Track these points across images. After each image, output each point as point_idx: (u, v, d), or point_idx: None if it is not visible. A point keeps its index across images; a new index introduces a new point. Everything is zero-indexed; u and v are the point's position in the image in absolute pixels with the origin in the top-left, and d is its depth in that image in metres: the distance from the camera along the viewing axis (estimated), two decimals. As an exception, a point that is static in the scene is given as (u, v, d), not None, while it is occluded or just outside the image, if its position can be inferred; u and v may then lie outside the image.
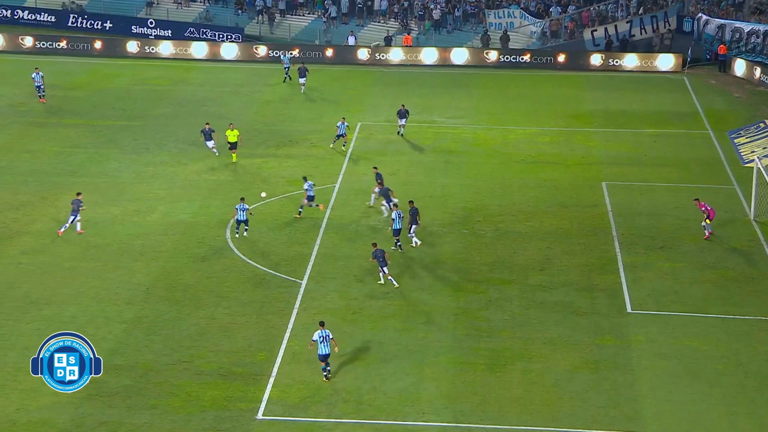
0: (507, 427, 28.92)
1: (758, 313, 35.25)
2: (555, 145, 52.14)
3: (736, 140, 52.28)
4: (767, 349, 33.00)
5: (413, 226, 39.48)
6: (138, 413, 29.15)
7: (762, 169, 41.40)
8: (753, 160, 44.72)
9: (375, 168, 44.32)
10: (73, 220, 40.17)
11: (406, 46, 68.35)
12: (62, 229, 40.06)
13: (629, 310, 35.48)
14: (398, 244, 39.22)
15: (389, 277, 36.61)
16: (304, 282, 37.08)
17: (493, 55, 66.57)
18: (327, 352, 30.58)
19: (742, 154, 50.27)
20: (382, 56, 67.23)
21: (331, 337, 30.63)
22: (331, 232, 40.89)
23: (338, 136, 50.39)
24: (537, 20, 70.49)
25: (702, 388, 30.81)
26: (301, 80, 59.30)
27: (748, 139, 52.05)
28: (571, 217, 42.91)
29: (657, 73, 64.90)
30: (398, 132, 52.46)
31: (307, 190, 41.97)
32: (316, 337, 30.64)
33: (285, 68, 62.21)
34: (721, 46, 64.81)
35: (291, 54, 63.54)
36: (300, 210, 42.16)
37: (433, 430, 28.87)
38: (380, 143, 52.20)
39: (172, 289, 36.46)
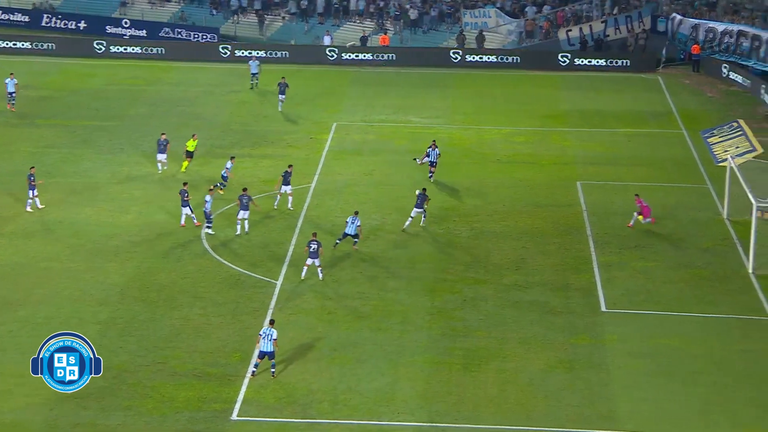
0: (482, 427, 28.90)
1: (732, 312, 35.40)
2: (530, 145, 52.22)
3: (709, 140, 52.49)
4: (741, 348, 33.15)
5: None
6: (112, 414, 28.96)
7: (735, 168, 41.58)
8: (726, 160, 44.94)
9: (290, 166, 43.66)
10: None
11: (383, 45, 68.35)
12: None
13: (603, 309, 35.55)
14: (338, 243, 39.15)
15: (318, 269, 36.74)
16: (279, 282, 36.97)
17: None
18: (267, 350, 30.60)
19: (715, 153, 50.48)
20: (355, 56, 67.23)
21: (274, 337, 30.60)
22: (306, 232, 40.72)
23: (431, 163, 46.07)
24: (513, 20, 70.61)
25: (677, 387, 30.89)
26: (281, 97, 56.16)
27: (721, 139, 52.26)
28: (546, 217, 42.98)
29: (631, 72, 65.07)
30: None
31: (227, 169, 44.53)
32: (261, 332, 30.77)
33: (252, 74, 60.18)
34: (695, 45, 65.09)
35: (258, 61, 61.29)
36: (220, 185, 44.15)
37: (409, 430, 28.82)
38: (356, 143, 52.13)
39: (146, 289, 36.26)
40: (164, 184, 45.91)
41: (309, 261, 36.91)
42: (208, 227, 40.65)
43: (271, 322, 31.27)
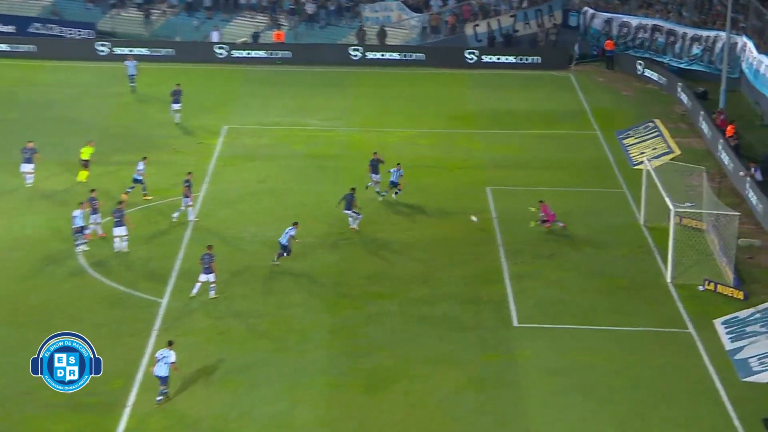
0: (387, 454, 28.73)
1: (649, 324, 35.76)
2: (436, 148, 52.34)
3: (624, 141, 53.20)
4: (659, 362, 33.48)
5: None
6: (-23, 452, 28.08)
7: (652, 171, 42.09)
8: (642, 162, 45.51)
9: (190, 173, 43.21)
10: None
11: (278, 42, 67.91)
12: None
13: (515, 323, 35.64)
14: (279, 256, 38.90)
15: (211, 286, 36.25)
16: (164, 300, 36.35)
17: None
18: (161, 375, 30.21)
19: (631, 155, 51.18)
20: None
21: (171, 360, 30.13)
22: (194, 245, 40.12)
23: (392, 183, 44.65)
24: (416, 14, 70.79)
25: (593, 405, 31.07)
26: (175, 106, 54.32)
27: (637, 140, 53.04)
28: (454, 225, 43.04)
29: (542, 70, 65.71)
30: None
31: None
32: (158, 355, 30.37)
33: (130, 76, 59.01)
34: (608, 41, 66.05)
35: (136, 61, 59.94)
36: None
37: (308, 460, 28.52)
38: (249, 148, 51.67)
39: (15, 312, 35.39)
40: (34, 196, 44.83)
41: (203, 277, 36.31)
42: (79, 244, 39.43)
43: (169, 344, 30.71)
